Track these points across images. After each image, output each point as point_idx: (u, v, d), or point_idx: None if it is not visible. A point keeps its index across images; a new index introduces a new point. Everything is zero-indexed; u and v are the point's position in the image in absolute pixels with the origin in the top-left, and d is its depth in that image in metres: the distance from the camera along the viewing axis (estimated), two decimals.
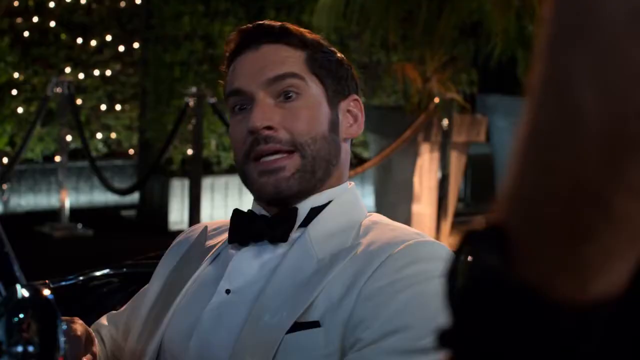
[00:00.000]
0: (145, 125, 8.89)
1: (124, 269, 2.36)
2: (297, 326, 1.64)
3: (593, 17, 0.60)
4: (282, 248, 1.79)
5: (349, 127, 1.89)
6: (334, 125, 1.85)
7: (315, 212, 1.82)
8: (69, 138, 8.54)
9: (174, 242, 2.05)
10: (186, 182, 8.04)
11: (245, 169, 1.82)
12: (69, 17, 9.12)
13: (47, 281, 2.37)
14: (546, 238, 0.63)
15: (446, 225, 7.81)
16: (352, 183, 1.92)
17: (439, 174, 7.77)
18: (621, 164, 0.60)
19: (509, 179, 0.66)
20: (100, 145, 9.45)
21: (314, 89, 1.83)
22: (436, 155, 7.76)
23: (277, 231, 1.79)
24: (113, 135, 9.50)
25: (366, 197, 9.38)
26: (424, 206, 7.79)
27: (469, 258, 0.67)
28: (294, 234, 1.79)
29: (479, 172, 10.15)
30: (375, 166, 7.89)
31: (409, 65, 7.91)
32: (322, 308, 1.65)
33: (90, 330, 1.85)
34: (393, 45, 8.93)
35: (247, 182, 1.83)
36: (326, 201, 1.83)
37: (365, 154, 9.27)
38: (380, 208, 8.12)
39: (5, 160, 8.77)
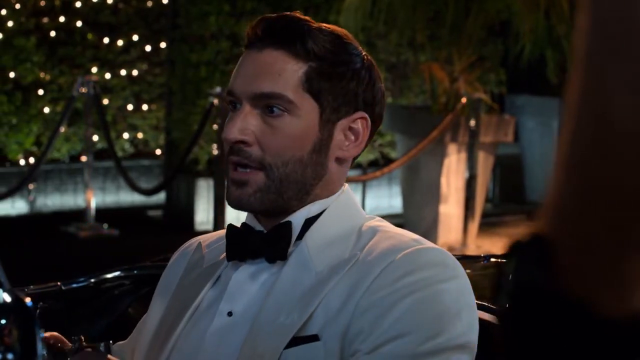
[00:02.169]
0: (172, 125, 8.89)
1: (135, 271, 2.34)
2: (296, 341, 1.62)
3: (632, 26, 0.59)
4: (279, 264, 1.75)
5: (345, 146, 1.80)
6: (320, 146, 1.77)
7: (310, 222, 1.77)
8: (95, 138, 8.55)
9: (170, 263, 1.99)
10: (212, 182, 8.02)
11: (226, 169, 1.79)
12: (96, 16, 9.12)
13: (58, 283, 2.35)
14: (591, 250, 0.63)
15: (474, 226, 7.76)
16: (346, 185, 1.85)
17: (466, 175, 7.72)
18: None
19: (552, 189, 0.65)
20: (127, 145, 9.45)
21: (304, 109, 1.75)
22: (463, 155, 7.72)
23: (274, 249, 1.75)
24: (140, 135, 9.49)
25: (393, 198, 9.34)
26: (451, 207, 7.75)
27: (515, 271, 0.68)
28: (291, 248, 1.75)
29: (508, 172, 10.09)
30: (402, 167, 7.85)
31: (436, 65, 7.87)
32: (321, 321, 1.63)
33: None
34: (420, 45, 8.89)
35: None
36: (320, 210, 1.78)
37: (393, 154, 9.23)
38: (407, 209, 8.08)
39: (31, 160, 8.79)
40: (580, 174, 0.63)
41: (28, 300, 1.12)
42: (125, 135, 9.40)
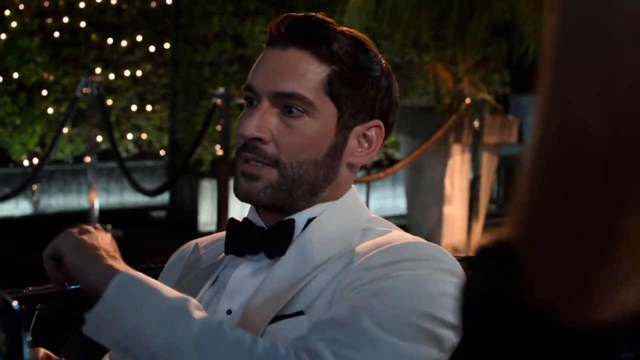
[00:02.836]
0: (175, 125, 8.88)
1: None
2: (280, 317, 1.63)
3: (597, 27, 0.58)
4: (278, 259, 1.74)
5: (358, 152, 1.80)
6: (335, 150, 1.77)
7: (312, 221, 1.77)
8: (99, 139, 8.54)
9: (167, 265, 1.99)
10: (215, 183, 8.01)
11: (235, 161, 1.79)
12: (99, 17, 9.12)
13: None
14: (554, 256, 0.62)
15: (478, 227, 7.75)
16: (353, 186, 1.85)
17: (470, 175, 7.71)
18: (626, 182, 0.58)
19: (518, 195, 0.64)
20: (131, 146, 9.44)
21: (323, 113, 1.75)
22: (467, 156, 7.70)
23: (275, 245, 1.74)
24: (144, 135, 9.49)
25: (398, 199, 9.33)
26: (455, 208, 7.73)
27: (478, 279, 0.68)
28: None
29: (513, 173, 10.07)
30: (406, 167, 7.84)
31: (440, 66, 7.86)
32: (307, 300, 1.64)
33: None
34: (425, 45, 8.88)
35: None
36: (322, 212, 1.78)
37: (397, 155, 9.22)
38: (411, 209, 8.07)
39: (35, 160, 8.79)
40: (546, 178, 0.61)
41: (15, 303, 1.11)
42: (129, 136, 9.40)
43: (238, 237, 1.78)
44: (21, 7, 8.83)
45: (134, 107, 9.38)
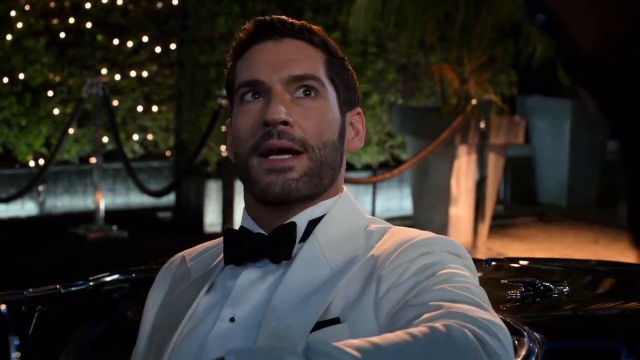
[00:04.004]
0: (181, 126, 8.87)
1: (134, 274, 2.32)
2: (320, 325, 1.59)
3: None
4: (284, 265, 1.72)
5: (351, 139, 1.84)
6: (342, 133, 1.80)
7: (313, 224, 1.75)
8: (104, 139, 8.54)
9: (155, 281, 1.94)
10: (221, 184, 8.00)
11: (250, 163, 1.73)
12: (105, 18, 9.12)
13: (57, 286, 2.32)
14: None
15: (484, 228, 7.73)
16: (345, 188, 1.84)
17: (476, 176, 7.68)
18: None
19: None
20: (137, 147, 9.44)
21: (330, 94, 1.77)
22: (473, 157, 7.68)
23: (279, 249, 1.71)
24: (149, 136, 9.48)
25: (404, 200, 9.31)
26: (461, 209, 7.72)
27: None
28: (295, 249, 1.72)
29: (519, 174, 10.05)
30: (412, 168, 7.82)
31: (446, 67, 7.84)
32: (340, 307, 1.61)
33: None
34: (431, 46, 8.86)
35: (250, 178, 1.74)
36: (323, 213, 1.77)
37: (403, 156, 9.20)
38: (417, 210, 8.06)
39: (41, 161, 8.79)
40: None
41: (3, 307, 1.09)
42: (135, 137, 9.39)
43: (238, 246, 1.75)
44: (27, 7, 8.83)
45: (139, 108, 9.38)
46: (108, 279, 2.33)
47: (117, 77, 9.20)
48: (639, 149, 0.96)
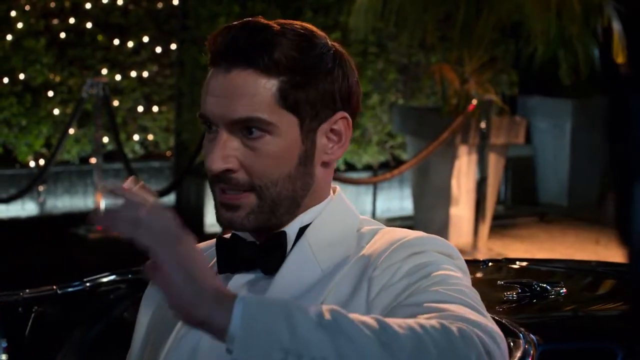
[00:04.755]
0: (181, 126, 8.87)
1: (130, 275, 2.31)
2: None
3: None
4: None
5: (330, 149, 1.75)
6: (306, 157, 1.73)
7: (304, 230, 1.74)
8: (105, 140, 8.53)
9: (147, 289, 1.93)
10: None
11: (212, 189, 1.74)
12: (106, 18, 9.11)
13: (54, 287, 2.32)
14: None
15: (484, 228, 7.72)
16: (338, 188, 1.82)
17: (477, 177, 7.68)
18: None
19: None
20: (137, 147, 9.43)
21: (284, 126, 1.69)
22: (474, 157, 7.68)
23: (270, 260, 1.72)
24: (150, 136, 9.48)
25: (405, 200, 9.30)
26: (462, 209, 7.71)
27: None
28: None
29: (520, 174, 10.04)
30: (412, 168, 7.82)
31: (447, 67, 7.84)
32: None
33: None
34: (431, 46, 8.85)
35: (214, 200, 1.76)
36: (312, 219, 1.75)
37: (404, 156, 9.20)
38: (418, 211, 8.05)
39: (41, 161, 8.78)
40: None
41: None
42: (135, 137, 9.38)
43: (230, 255, 1.75)
44: (27, 7, 8.82)
45: (140, 108, 9.37)
46: (105, 279, 2.33)
47: (118, 77, 9.19)
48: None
